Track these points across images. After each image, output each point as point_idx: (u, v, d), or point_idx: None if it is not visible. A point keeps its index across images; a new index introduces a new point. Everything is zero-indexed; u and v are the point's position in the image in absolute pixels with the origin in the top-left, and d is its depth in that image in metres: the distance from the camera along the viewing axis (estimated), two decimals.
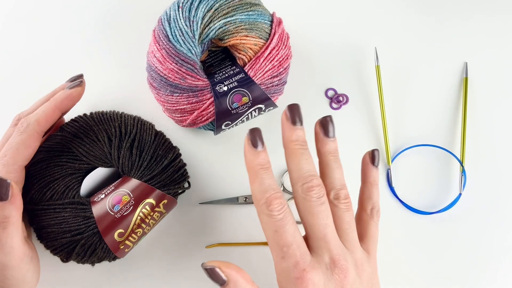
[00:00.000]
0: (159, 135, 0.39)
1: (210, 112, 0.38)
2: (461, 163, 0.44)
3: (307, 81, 0.46)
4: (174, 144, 0.40)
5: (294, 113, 0.32)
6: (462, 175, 0.44)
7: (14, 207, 0.32)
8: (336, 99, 0.46)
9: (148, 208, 0.37)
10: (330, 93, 0.46)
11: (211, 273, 0.31)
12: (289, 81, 0.46)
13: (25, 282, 0.33)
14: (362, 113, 0.46)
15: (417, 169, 0.45)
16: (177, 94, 0.38)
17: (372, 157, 0.35)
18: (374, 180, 0.35)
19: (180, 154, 0.40)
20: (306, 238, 0.32)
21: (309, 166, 0.31)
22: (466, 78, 0.46)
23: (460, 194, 0.43)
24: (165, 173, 0.38)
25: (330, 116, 0.33)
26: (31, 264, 0.34)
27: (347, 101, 0.46)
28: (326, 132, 0.33)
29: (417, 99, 0.46)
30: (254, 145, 0.31)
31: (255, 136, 0.31)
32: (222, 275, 0.30)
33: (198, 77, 0.38)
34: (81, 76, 0.38)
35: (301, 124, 0.32)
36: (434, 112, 0.46)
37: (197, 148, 0.44)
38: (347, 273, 0.30)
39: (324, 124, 0.33)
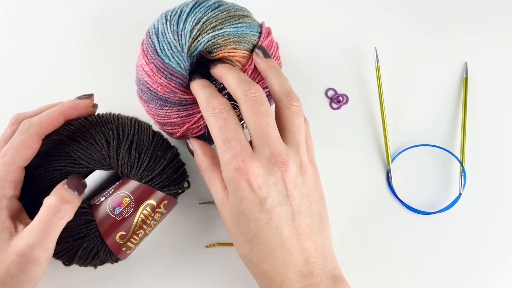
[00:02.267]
0: (157, 136, 0.39)
1: (201, 125, 0.38)
2: (461, 163, 0.44)
3: (307, 81, 0.46)
4: (172, 144, 0.40)
5: (265, 51, 0.38)
6: (462, 175, 0.44)
7: (77, 206, 0.34)
8: (336, 99, 0.46)
9: (149, 209, 0.37)
10: (330, 93, 0.46)
11: (186, 144, 0.38)
12: (291, 79, 0.46)
13: (34, 281, 0.33)
14: (362, 113, 0.46)
15: (417, 169, 0.45)
16: (167, 108, 0.38)
17: (262, 51, 0.38)
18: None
19: (178, 154, 0.40)
20: (250, 142, 0.33)
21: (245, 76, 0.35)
22: (466, 78, 0.46)
23: (460, 194, 0.43)
24: (165, 173, 0.38)
25: (261, 45, 0.38)
26: (47, 265, 0.34)
27: (347, 101, 0.46)
28: (266, 55, 0.37)
29: (417, 99, 0.46)
30: (195, 78, 0.37)
31: (196, 77, 0.37)
32: (191, 146, 0.37)
33: (188, 91, 0.37)
34: (90, 94, 0.39)
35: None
36: (434, 112, 0.46)
37: None
38: (287, 166, 0.32)
39: (262, 49, 0.38)
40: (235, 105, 0.37)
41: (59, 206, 0.32)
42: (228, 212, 0.34)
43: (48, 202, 0.33)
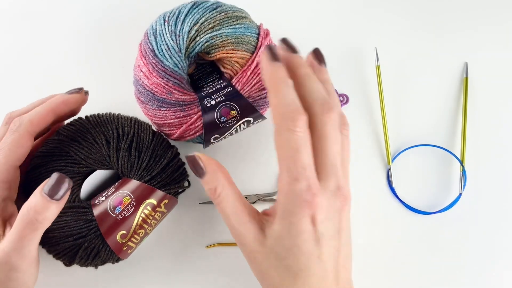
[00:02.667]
0: (157, 135, 0.39)
1: (198, 126, 0.38)
2: (461, 163, 0.44)
3: None
4: (172, 144, 0.40)
5: (290, 45, 0.32)
6: (462, 175, 0.44)
7: (58, 210, 0.31)
8: None
9: (150, 209, 0.37)
10: None
11: (192, 162, 0.31)
12: None
13: (25, 285, 0.33)
14: (362, 113, 0.46)
15: (417, 169, 0.45)
16: (164, 109, 0.38)
17: (318, 56, 0.32)
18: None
19: (178, 153, 0.40)
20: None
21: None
22: (466, 78, 0.46)
23: (460, 194, 0.43)
24: (165, 172, 0.38)
25: (319, 48, 0.33)
26: (36, 269, 0.34)
27: (347, 101, 0.46)
28: (321, 62, 0.33)
29: (417, 99, 0.46)
30: (274, 59, 0.29)
31: (274, 51, 0.30)
32: (202, 165, 0.31)
33: (185, 91, 0.37)
34: (80, 88, 0.38)
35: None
36: (434, 112, 0.46)
37: (196, 148, 0.44)
38: (347, 200, 0.31)
39: (319, 54, 0.32)
40: (230, 104, 0.37)
41: (31, 217, 0.30)
42: (267, 246, 0.30)
43: (23, 210, 0.31)
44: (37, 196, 0.31)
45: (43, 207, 0.30)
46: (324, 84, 0.31)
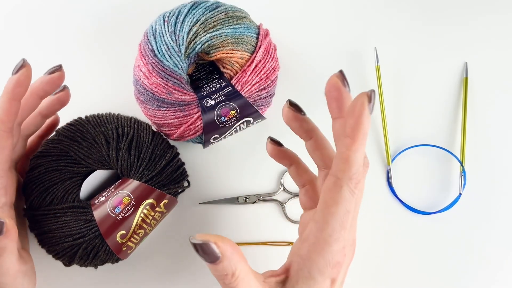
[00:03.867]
0: (157, 135, 0.39)
1: (198, 126, 0.38)
2: (461, 163, 0.44)
3: (307, 82, 0.46)
4: (171, 144, 0.40)
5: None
6: (462, 175, 0.44)
7: (10, 239, 0.31)
8: None
9: (149, 208, 0.37)
10: None
11: (204, 249, 0.26)
12: (289, 81, 0.46)
13: None
14: None
15: (417, 169, 0.45)
16: (164, 109, 0.38)
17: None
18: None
19: (178, 153, 0.40)
20: None
21: None
22: (466, 78, 0.46)
23: (460, 194, 0.43)
24: (164, 172, 0.38)
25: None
26: (25, 277, 0.34)
27: None
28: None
29: (417, 99, 0.46)
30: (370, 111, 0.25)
31: (372, 105, 0.25)
32: (217, 251, 0.26)
33: (185, 91, 0.37)
34: (22, 60, 0.33)
35: None
36: (434, 112, 0.46)
37: (196, 148, 0.44)
38: (354, 254, 0.31)
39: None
40: (230, 104, 0.37)
41: None
42: None
43: None
44: None
45: None
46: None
